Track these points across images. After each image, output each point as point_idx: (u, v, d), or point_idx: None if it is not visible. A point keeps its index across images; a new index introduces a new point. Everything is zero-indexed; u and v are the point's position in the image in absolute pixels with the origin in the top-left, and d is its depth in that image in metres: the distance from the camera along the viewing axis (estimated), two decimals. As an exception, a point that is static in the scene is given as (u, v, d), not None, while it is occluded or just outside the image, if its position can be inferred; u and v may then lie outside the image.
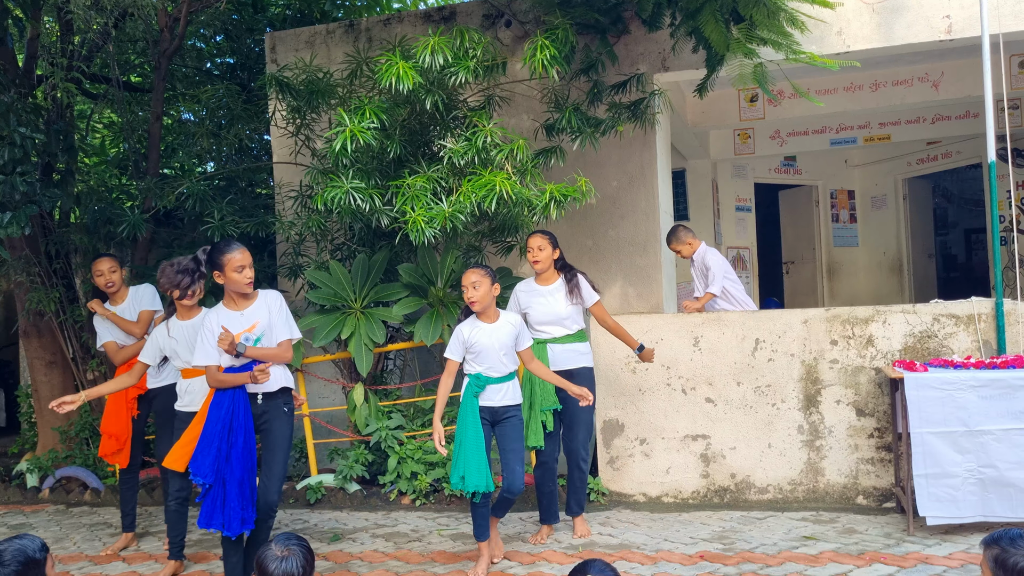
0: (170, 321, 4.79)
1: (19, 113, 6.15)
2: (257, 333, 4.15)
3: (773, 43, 5.33)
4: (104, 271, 5.30)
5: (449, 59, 5.22)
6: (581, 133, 5.84)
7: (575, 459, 5.09)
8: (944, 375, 4.82)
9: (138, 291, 5.45)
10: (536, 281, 5.15)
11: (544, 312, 5.05)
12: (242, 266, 4.10)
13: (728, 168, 10.81)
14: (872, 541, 4.78)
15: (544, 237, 5.08)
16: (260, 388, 4.15)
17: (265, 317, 4.18)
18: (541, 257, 5.04)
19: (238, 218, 6.44)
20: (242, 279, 4.10)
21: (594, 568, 2.52)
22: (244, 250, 4.14)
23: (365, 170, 5.49)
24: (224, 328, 4.06)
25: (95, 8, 6.17)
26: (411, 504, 5.93)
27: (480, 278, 4.46)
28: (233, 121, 7.10)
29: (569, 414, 5.04)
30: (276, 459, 4.18)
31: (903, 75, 8.16)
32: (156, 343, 4.79)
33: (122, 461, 5.22)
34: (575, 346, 5.07)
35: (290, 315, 4.33)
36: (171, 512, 4.71)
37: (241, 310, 4.17)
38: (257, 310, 4.19)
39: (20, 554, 2.65)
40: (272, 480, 4.17)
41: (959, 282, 12.08)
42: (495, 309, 4.56)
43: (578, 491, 5.15)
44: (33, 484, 6.85)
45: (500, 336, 4.50)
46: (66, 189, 6.90)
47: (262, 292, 4.27)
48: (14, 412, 9.07)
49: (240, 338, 4.09)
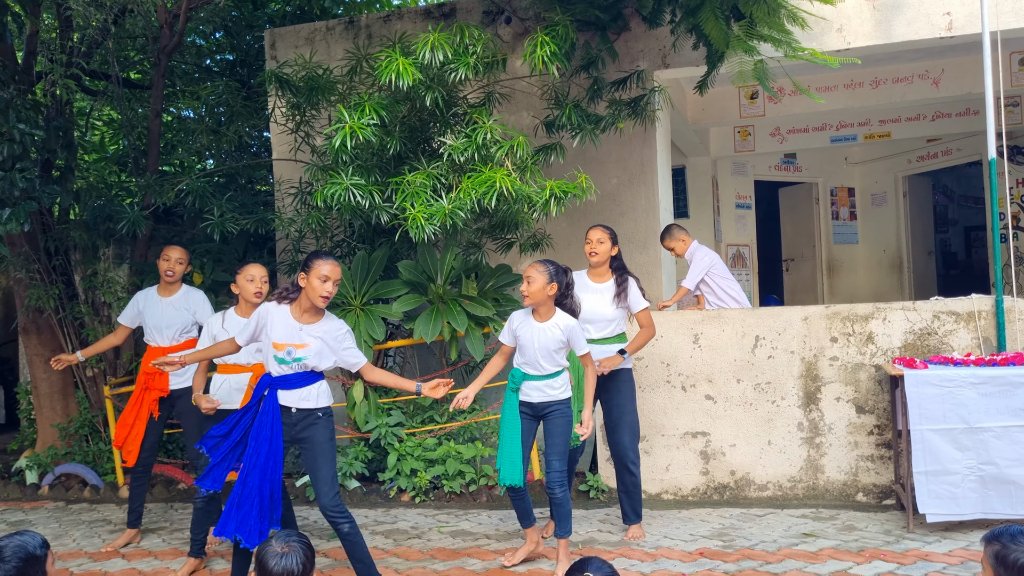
0: (227, 313, 4.81)
1: (18, 109, 6.15)
2: (301, 354, 4.00)
3: (773, 40, 5.33)
4: (172, 258, 5.21)
5: (449, 56, 5.21)
6: (581, 130, 5.83)
7: (623, 461, 4.94)
8: (944, 372, 4.82)
9: (193, 295, 5.30)
10: (588, 275, 5.02)
11: (590, 309, 4.88)
12: (326, 278, 3.95)
13: (728, 165, 10.81)
14: (872, 538, 4.78)
15: (605, 231, 4.95)
16: (297, 403, 4.05)
17: (318, 346, 4.02)
18: (600, 250, 4.91)
19: (238, 215, 6.43)
20: (319, 291, 3.95)
21: (591, 566, 2.52)
22: (338, 266, 4.01)
23: (365, 167, 5.49)
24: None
25: (94, 4, 6.16)
26: (411, 501, 5.94)
27: (536, 274, 4.30)
28: (233, 118, 7.09)
29: (611, 415, 4.97)
30: (322, 462, 4.05)
31: (903, 72, 8.16)
32: (210, 332, 4.79)
33: (131, 458, 5.22)
34: (616, 347, 4.94)
35: (354, 344, 4.16)
36: (198, 510, 4.69)
37: (302, 323, 4.03)
38: (316, 335, 4.03)
39: (20, 550, 2.65)
40: (321, 484, 4.03)
41: (959, 279, 12.08)
42: (551, 308, 4.38)
43: (632, 496, 4.98)
44: (32, 481, 6.85)
45: (543, 337, 4.36)
46: (65, 186, 6.89)
47: (333, 320, 4.10)
48: (13, 409, 9.06)
49: (285, 349, 3.99)
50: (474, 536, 5.14)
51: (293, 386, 4.04)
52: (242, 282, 4.74)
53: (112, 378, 6.88)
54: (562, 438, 4.43)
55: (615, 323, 4.97)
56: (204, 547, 4.78)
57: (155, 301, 5.27)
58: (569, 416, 4.50)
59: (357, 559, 4.09)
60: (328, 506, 4.02)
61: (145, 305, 5.28)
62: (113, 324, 7.14)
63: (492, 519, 5.51)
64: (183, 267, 5.28)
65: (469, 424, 6.10)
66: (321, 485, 4.04)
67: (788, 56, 5.39)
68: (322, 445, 4.07)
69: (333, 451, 4.13)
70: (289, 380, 4.03)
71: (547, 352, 4.37)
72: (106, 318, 7.13)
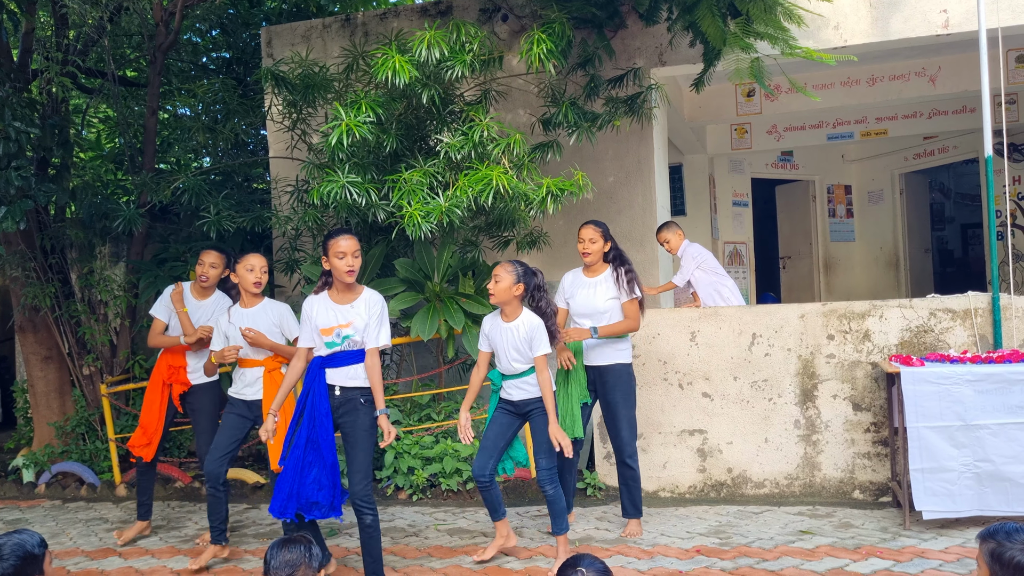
0: (232, 308, 4.81)
1: (14, 108, 6.13)
2: (349, 331, 4.10)
3: (770, 38, 5.33)
4: (206, 263, 5.15)
5: (446, 53, 5.20)
6: (578, 128, 5.83)
7: (621, 456, 4.96)
8: (940, 369, 4.82)
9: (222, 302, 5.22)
10: (583, 271, 5.05)
11: (583, 304, 4.95)
12: (343, 253, 4.03)
13: (725, 163, 10.81)
14: (868, 535, 4.79)
15: (596, 229, 4.95)
16: (343, 381, 4.12)
17: (362, 319, 4.12)
18: (592, 249, 4.92)
19: (234, 213, 6.42)
20: (342, 266, 4.04)
21: (584, 562, 2.54)
22: (352, 238, 4.06)
23: (361, 164, 5.48)
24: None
25: (90, 2, 6.14)
26: (408, 499, 5.94)
27: (504, 273, 4.37)
28: (229, 116, 7.08)
29: (611, 413, 4.98)
30: (360, 450, 4.12)
31: (900, 70, 8.16)
32: (220, 331, 4.80)
33: (148, 454, 5.21)
34: (611, 341, 4.96)
35: (386, 321, 4.23)
36: (212, 497, 4.71)
37: (340, 304, 4.13)
38: (356, 308, 4.13)
39: (19, 548, 2.65)
40: (356, 472, 4.09)
41: (955, 277, 12.10)
42: (518, 308, 4.44)
43: (632, 491, 4.99)
44: (29, 479, 6.84)
45: (511, 336, 4.43)
46: (61, 184, 6.88)
47: (368, 292, 4.19)
48: (10, 407, 9.05)
49: (333, 332, 4.09)
50: (471, 534, 5.15)
51: (340, 363, 4.13)
52: (241, 272, 4.74)
53: (109, 376, 6.88)
54: (542, 436, 4.46)
55: (608, 315, 4.95)
56: (226, 532, 4.80)
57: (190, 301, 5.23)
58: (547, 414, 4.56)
59: (368, 551, 4.15)
60: (359, 494, 4.08)
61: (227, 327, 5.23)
62: (110, 321, 7.15)
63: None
64: (218, 271, 5.19)
65: (466, 422, 6.10)
66: (355, 473, 4.11)
67: (785, 54, 5.39)
68: (361, 433, 4.14)
69: (372, 440, 4.18)
70: (337, 358, 4.13)
71: (515, 350, 4.43)
72: (102, 316, 7.12)
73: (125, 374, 6.97)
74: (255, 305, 4.76)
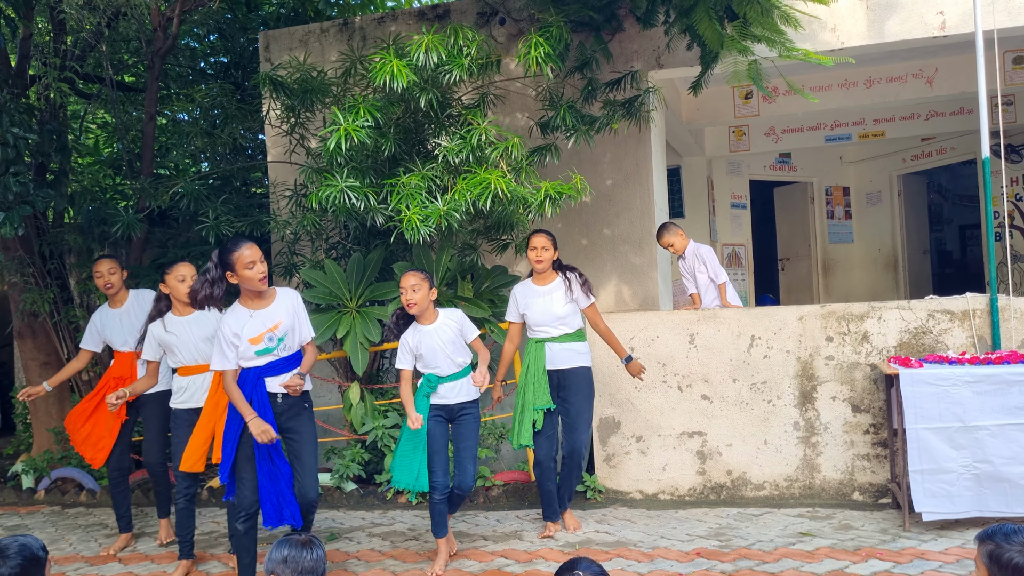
0: (167, 317, 4.79)
1: (12, 113, 6.14)
2: (280, 333, 4.05)
3: (767, 40, 5.33)
4: (103, 272, 5.23)
5: (443, 57, 5.21)
6: (576, 131, 5.83)
7: (576, 458, 5.09)
8: (939, 371, 4.83)
9: (141, 296, 5.34)
10: (533, 281, 5.14)
11: (542, 312, 5.05)
12: (252, 262, 3.93)
13: (723, 165, 10.81)
14: (868, 537, 4.79)
15: (548, 237, 5.07)
16: (282, 390, 4.08)
17: (289, 316, 4.09)
18: (545, 257, 5.03)
19: (233, 217, 6.43)
20: (254, 275, 3.94)
21: (581, 565, 2.54)
22: (252, 245, 3.98)
23: (360, 169, 5.49)
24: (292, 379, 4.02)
25: (88, 8, 6.14)
26: (407, 503, 5.93)
27: (419, 281, 4.49)
28: (227, 120, 7.08)
29: (571, 414, 5.05)
30: (307, 455, 4.13)
31: (897, 71, 8.17)
32: (154, 339, 4.78)
33: (97, 461, 5.23)
34: (573, 345, 5.06)
35: (306, 313, 4.25)
36: (180, 511, 4.73)
37: (259, 309, 4.05)
38: (278, 309, 4.08)
39: (25, 550, 2.66)
40: (308, 475, 4.11)
41: (954, 278, 12.10)
42: (433, 310, 4.57)
43: (572, 487, 5.20)
44: (29, 485, 6.84)
45: (443, 336, 4.53)
46: (60, 189, 6.88)
47: (280, 290, 4.16)
48: (9, 413, 9.04)
49: (264, 338, 4.01)
50: (471, 537, 5.14)
51: (280, 371, 4.08)
52: (172, 282, 4.77)
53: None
54: (472, 440, 4.63)
55: (567, 319, 5.04)
56: (194, 548, 4.80)
57: (110, 316, 5.28)
58: (478, 417, 4.68)
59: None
60: (313, 500, 4.12)
61: (103, 324, 5.29)
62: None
63: (489, 520, 5.51)
64: (118, 275, 5.27)
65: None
66: (307, 476, 4.12)
67: (782, 56, 5.40)
68: (309, 436, 4.16)
69: (317, 443, 4.22)
70: (276, 365, 4.07)
71: (453, 346, 4.54)
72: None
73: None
74: (190, 313, 4.77)
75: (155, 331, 4.78)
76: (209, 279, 3.97)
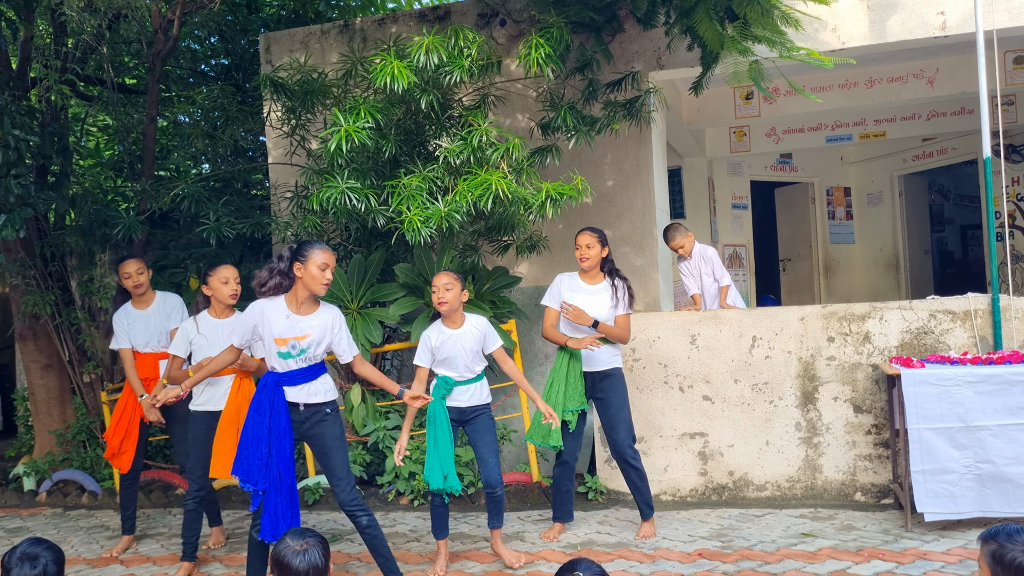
0: (201, 316, 4.79)
1: (13, 116, 6.14)
2: (304, 344, 4.00)
3: (767, 41, 5.33)
4: (132, 273, 5.20)
5: (444, 58, 5.21)
6: (576, 132, 5.83)
7: (623, 457, 4.96)
8: (941, 371, 4.82)
9: (168, 300, 5.31)
10: (581, 276, 5.07)
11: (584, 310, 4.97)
12: (326, 265, 3.96)
13: (724, 166, 10.81)
14: (870, 537, 4.78)
15: (593, 235, 5.00)
16: (306, 398, 4.06)
17: (320, 332, 4.02)
18: (590, 255, 4.96)
19: (234, 219, 6.43)
20: (321, 278, 3.95)
21: (582, 567, 2.54)
22: (330, 251, 4.01)
23: (360, 170, 5.49)
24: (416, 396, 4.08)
25: (89, 10, 6.14)
26: (409, 504, 5.93)
27: (452, 281, 4.47)
28: (228, 122, 7.09)
29: (610, 414, 4.99)
30: (335, 459, 4.09)
31: (898, 72, 8.17)
32: (185, 336, 4.76)
33: (124, 465, 5.22)
34: (610, 347, 4.99)
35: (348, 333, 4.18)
36: (189, 512, 4.71)
37: (297, 314, 4.01)
38: (313, 322, 4.02)
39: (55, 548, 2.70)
40: (338, 480, 4.07)
41: (955, 278, 12.09)
42: (461, 314, 4.56)
43: (641, 490, 5.00)
44: (30, 487, 6.84)
45: (465, 342, 4.50)
46: (61, 191, 6.88)
47: (325, 305, 4.11)
48: (11, 415, 9.05)
49: (288, 343, 3.98)
50: (473, 539, 5.14)
51: (299, 381, 4.04)
52: (215, 284, 4.73)
53: (109, 384, 6.88)
54: (491, 436, 4.58)
55: (609, 322, 4.99)
56: (197, 551, 4.78)
57: (135, 316, 5.26)
58: (492, 417, 4.64)
59: (377, 551, 4.14)
60: (347, 501, 4.08)
61: (129, 324, 5.26)
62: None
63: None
64: (146, 275, 5.26)
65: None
66: (337, 481, 4.09)
67: (783, 56, 5.40)
68: (333, 441, 4.11)
69: (345, 446, 4.16)
70: (295, 376, 4.02)
71: (473, 354, 4.52)
72: (103, 323, 7.12)
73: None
74: (229, 317, 4.76)
75: (187, 328, 4.77)
76: (278, 270, 4.00)
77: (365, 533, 4.11)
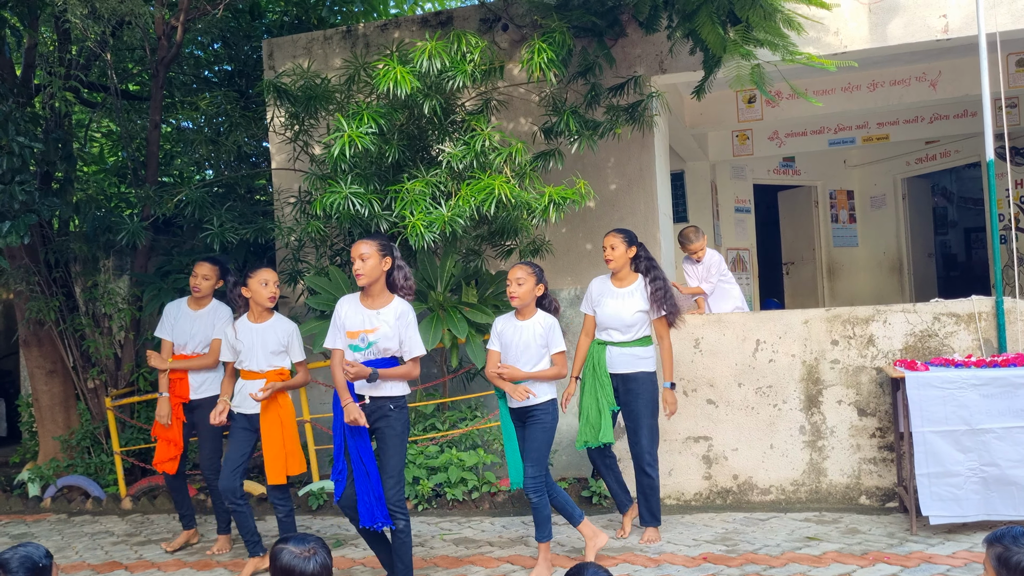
0: (239, 322, 4.83)
1: (17, 122, 6.16)
2: (373, 338, 4.13)
3: (770, 44, 5.33)
4: (199, 274, 5.26)
5: (447, 63, 5.22)
6: (579, 136, 5.84)
7: (640, 463, 4.96)
8: (945, 374, 4.82)
9: (220, 310, 5.32)
10: (611, 280, 5.07)
11: (610, 315, 4.96)
12: (400, 265, 4.20)
13: (727, 169, 10.81)
14: (875, 541, 4.77)
15: (617, 235, 4.99)
16: (371, 391, 4.14)
17: (387, 327, 4.14)
18: (614, 256, 4.95)
19: (237, 224, 6.44)
20: (400, 275, 4.19)
21: (588, 571, 2.53)
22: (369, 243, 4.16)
23: (364, 175, 5.50)
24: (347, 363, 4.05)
25: (92, 17, 6.16)
26: (413, 509, 5.92)
27: (526, 275, 4.49)
28: (231, 128, 7.10)
29: (632, 419, 4.99)
30: (390, 455, 4.15)
31: (901, 75, 8.16)
32: (228, 341, 4.86)
33: (172, 468, 5.26)
34: (635, 350, 4.97)
35: (417, 331, 4.26)
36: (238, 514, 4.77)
37: (369, 308, 4.19)
38: (382, 316, 4.16)
39: (27, 560, 2.65)
40: (388, 476, 4.13)
41: (959, 281, 12.08)
42: (533, 309, 4.56)
43: (649, 498, 4.99)
44: (35, 493, 6.84)
45: (524, 335, 4.50)
46: (65, 198, 6.90)
47: (397, 300, 4.22)
48: (15, 422, 9.06)
49: (359, 336, 4.13)
50: (477, 544, 5.14)
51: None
52: (255, 286, 4.77)
53: (113, 389, 6.88)
54: (536, 443, 4.47)
55: (636, 328, 4.96)
56: (261, 542, 4.85)
57: (186, 314, 5.32)
58: (546, 423, 4.50)
59: (400, 557, 4.20)
60: (393, 499, 4.14)
61: (176, 319, 5.32)
62: (115, 334, 7.15)
63: (495, 526, 5.50)
64: (211, 283, 5.31)
65: (471, 431, 6.09)
66: (388, 478, 4.15)
67: (785, 60, 5.39)
68: (393, 439, 4.18)
69: (404, 445, 4.23)
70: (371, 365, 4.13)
71: (530, 349, 4.49)
72: (107, 329, 7.13)
73: (130, 387, 6.97)
74: (266, 320, 4.78)
75: (228, 334, 4.86)
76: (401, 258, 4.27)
77: (398, 537, 4.17)
